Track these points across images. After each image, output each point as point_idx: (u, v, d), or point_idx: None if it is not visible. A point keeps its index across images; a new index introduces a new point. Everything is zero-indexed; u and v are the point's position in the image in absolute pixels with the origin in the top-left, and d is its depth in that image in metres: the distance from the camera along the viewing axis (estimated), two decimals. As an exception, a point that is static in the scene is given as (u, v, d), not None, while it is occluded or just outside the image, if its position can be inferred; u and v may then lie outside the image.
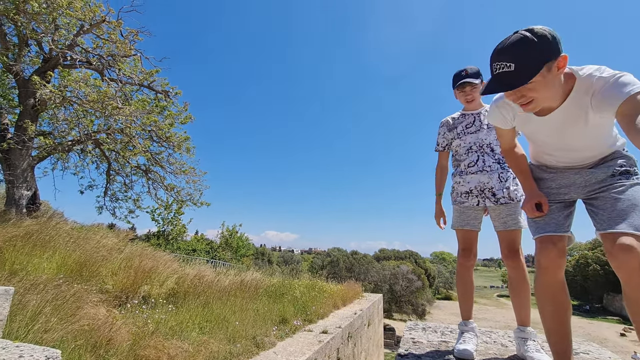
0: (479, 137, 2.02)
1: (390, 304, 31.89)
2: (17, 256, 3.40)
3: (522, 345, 1.74)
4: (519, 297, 1.83)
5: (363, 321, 7.49)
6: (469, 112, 2.10)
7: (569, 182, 1.53)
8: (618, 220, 1.28)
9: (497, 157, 1.96)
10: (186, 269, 5.64)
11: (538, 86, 1.18)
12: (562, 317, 1.43)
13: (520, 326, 1.80)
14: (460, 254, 2.00)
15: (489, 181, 1.93)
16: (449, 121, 2.18)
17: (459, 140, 2.09)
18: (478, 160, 1.99)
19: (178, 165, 7.95)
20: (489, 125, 2.00)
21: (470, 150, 2.03)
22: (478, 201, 1.95)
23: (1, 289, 2.01)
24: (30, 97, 5.65)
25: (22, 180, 5.37)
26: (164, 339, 2.91)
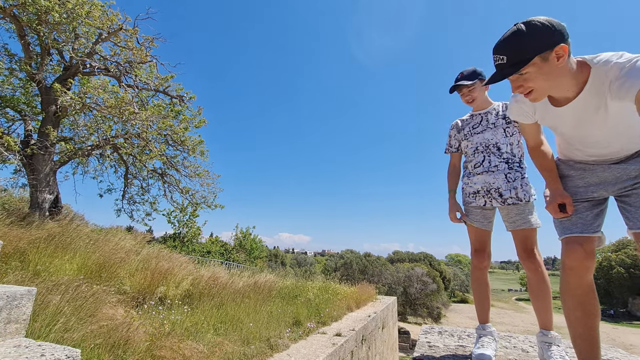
0: (485, 137, 2.00)
1: (404, 307, 31.50)
2: (40, 258, 3.52)
3: (545, 351, 1.67)
4: (540, 299, 1.77)
5: (377, 324, 7.41)
6: (476, 113, 2.10)
7: (598, 179, 1.44)
8: None
9: (505, 157, 1.92)
10: (201, 271, 5.71)
11: (533, 76, 1.19)
12: (590, 322, 1.34)
13: (543, 330, 1.73)
14: (473, 255, 1.99)
15: (494, 181, 1.91)
16: (458, 123, 2.19)
17: (466, 141, 2.09)
18: (484, 161, 1.97)
19: (192, 169, 8.09)
20: (495, 124, 1.98)
21: (477, 150, 2.02)
22: (485, 202, 1.95)
23: (24, 289, 2.08)
24: (52, 104, 5.86)
25: (45, 184, 5.57)
26: (180, 340, 2.95)
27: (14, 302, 2.00)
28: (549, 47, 1.14)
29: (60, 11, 5.12)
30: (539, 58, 1.16)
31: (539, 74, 1.19)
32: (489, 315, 1.91)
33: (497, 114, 2.01)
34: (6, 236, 3.65)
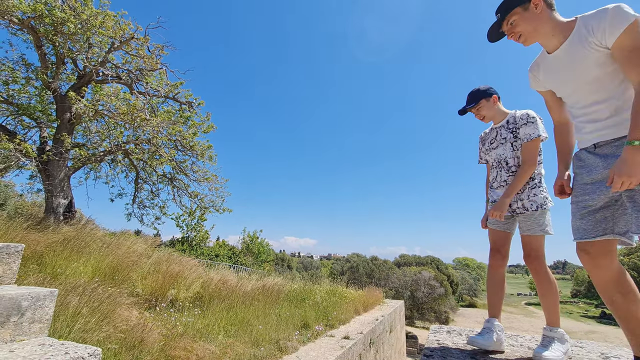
0: (498, 153, 2.15)
1: (412, 311, 31.23)
2: (57, 260, 3.63)
3: (546, 344, 1.74)
4: (544, 298, 1.87)
5: (385, 327, 7.40)
6: (495, 127, 2.23)
7: (600, 176, 1.43)
8: None
9: (513, 170, 2.06)
10: (210, 274, 5.80)
11: (518, 22, 1.53)
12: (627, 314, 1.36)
13: (549, 326, 1.80)
14: (490, 255, 2.10)
15: None
16: (482, 136, 2.36)
17: (487, 156, 2.27)
18: (497, 176, 2.14)
19: (201, 173, 8.21)
20: (505, 139, 2.10)
21: (493, 166, 2.20)
22: None
23: (47, 290, 2.17)
24: (67, 112, 6.04)
25: (59, 189, 5.72)
26: (192, 340, 3.02)
27: (38, 302, 2.09)
28: (527, 0, 1.49)
29: (75, 22, 5.30)
30: (521, 8, 1.51)
31: (522, 20, 1.52)
32: (499, 310, 1.99)
33: (508, 127, 2.12)
34: (24, 240, 3.78)
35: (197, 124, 7.97)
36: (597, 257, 1.42)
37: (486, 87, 2.18)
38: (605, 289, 1.41)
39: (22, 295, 2.01)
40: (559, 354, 1.67)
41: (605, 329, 37.20)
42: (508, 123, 2.12)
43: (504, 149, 2.10)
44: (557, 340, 1.73)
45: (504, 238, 2.07)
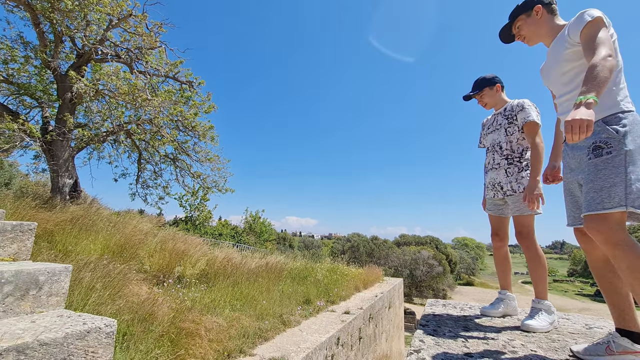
0: (493, 138, 2.31)
1: (410, 289, 32.04)
2: (67, 238, 3.75)
3: (532, 314, 1.91)
4: (534, 272, 2.03)
5: (384, 303, 7.67)
6: (495, 113, 2.38)
7: (573, 163, 1.55)
8: None
9: (505, 154, 2.22)
10: (215, 252, 5.96)
11: (523, 26, 1.82)
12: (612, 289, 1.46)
13: (537, 298, 1.96)
14: (492, 238, 2.34)
15: (497, 177, 2.24)
16: (484, 122, 2.52)
17: (484, 140, 2.44)
18: (491, 159, 2.31)
19: (203, 154, 8.25)
20: (500, 125, 2.27)
21: (488, 150, 2.35)
22: (493, 194, 2.27)
23: (62, 266, 2.28)
24: (68, 91, 6.01)
25: (64, 169, 5.79)
26: (200, 314, 3.18)
27: (54, 277, 2.20)
28: (529, 8, 1.79)
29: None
30: (525, 15, 1.81)
31: (525, 24, 1.81)
32: (508, 284, 2.24)
33: (504, 114, 2.27)
34: (34, 218, 3.89)
35: (198, 104, 7.92)
36: (590, 238, 1.50)
37: (492, 76, 2.33)
38: (596, 266, 1.51)
39: (39, 270, 2.11)
40: (545, 323, 1.81)
41: (599, 306, 38.18)
42: (505, 110, 2.28)
43: (498, 134, 2.26)
44: (544, 311, 1.87)
45: (501, 222, 2.28)
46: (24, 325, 1.82)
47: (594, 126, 1.42)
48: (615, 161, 1.31)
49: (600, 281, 1.48)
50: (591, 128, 1.20)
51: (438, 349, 1.47)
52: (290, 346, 3.51)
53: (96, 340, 1.89)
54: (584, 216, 1.36)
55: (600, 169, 1.34)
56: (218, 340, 3.02)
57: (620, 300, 1.41)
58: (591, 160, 1.38)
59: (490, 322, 1.98)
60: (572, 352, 1.45)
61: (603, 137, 1.37)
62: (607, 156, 1.33)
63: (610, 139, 1.35)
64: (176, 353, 2.57)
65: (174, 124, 7.49)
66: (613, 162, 1.31)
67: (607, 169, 1.32)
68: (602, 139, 1.37)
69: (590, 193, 1.34)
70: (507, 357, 1.38)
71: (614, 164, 1.31)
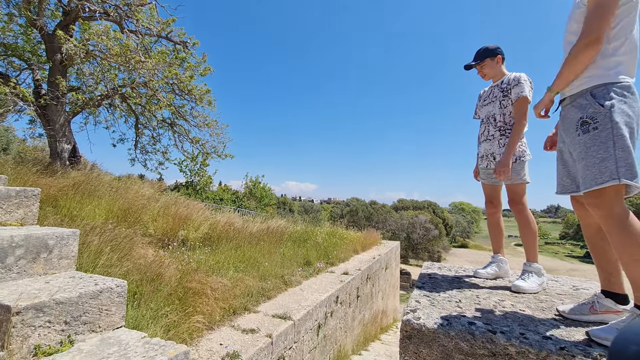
0: (488, 110, 2.35)
1: (407, 251, 33.17)
2: (70, 204, 3.81)
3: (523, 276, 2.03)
4: (525, 237, 2.13)
5: (381, 265, 7.98)
6: (493, 85, 2.41)
7: (564, 134, 1.55)
8: None
9: (499, 126, 2.27)
10: (217, 217, 6.08)
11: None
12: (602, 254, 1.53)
13: (528, 261, 2.07)
14: (485, 205, 2.45)
15: (490, 147, 2.30)
16: (481, 93, 2.54)
17: (480, 112, 2.48)
18: (485, 131, 2.36)
19: (201, 119, 8.11)
20: (496, 97, 2.30)
21: (482, 121, 2.40)
22: (487, 164, 2.34)
23: (69, 230, 2.35)
24: (57, 52, 5.76)
25: (61, 134, 5.72)
26: (206, 275, 3.32)
27: (63, 241, 2.27)
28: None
29: (52, -52, 4.79)
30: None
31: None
32: (500, 248, 2.37)
33: (500, 87, 2.30)
34: (37, 184, 3.92)
35: (193, 66, 7.64)
36: (584, 206, 1.54)
37: (494, 47, 2.35)
38: (589, 232, 1.56)
39: (48, 234, 2.18)
40: (534, 285, 1.93)
41: (587, 267, 39.83)
42: (502, 83, 2.31)
43: (493, 106, 2.31)
44: (534, 273, 1.99)
45: (494, 190, 2.37)
46: (38, 285, 1.91)
47: (581, 99, 1.43)
48: (602, 136, 1.30)
49: (591, 245, 1.54)
50: None
51: (433, 309, 1.56)
52: (292, 304, 3.71)
53: (109, 299, 2.00)
54: (585, 194, 1.38)
55: (589, 146, 1.34)
56: (224, 299, 3.18)
57: (608, 265, 1.47)
58: (580, 137, 1.38)
59: (483, 283, 2.08)
60: (558, 312, 1.54)
61: (590, 112, 1.37)
62: (594, 132, 1.33)
63: (597, 114, 1.34)
64: (185, 310, 2.73)
65: (170, 87, 7.28)
66: (600, 137, 1.31)
67: (596, 145, 1.32)
68: (588, 114, 1.37)
69: (584, 171, 1.35)
70: (497, 317, 1.48)
71: (602, 139, 1.30)
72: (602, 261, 1.49)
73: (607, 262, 1.48)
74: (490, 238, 2.43)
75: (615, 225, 1.27)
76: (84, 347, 1.76)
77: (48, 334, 1.69)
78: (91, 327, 1.88)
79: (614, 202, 1.28)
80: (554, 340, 1.23)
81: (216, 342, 2.65)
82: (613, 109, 1.31)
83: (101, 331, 1.93)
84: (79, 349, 1.74)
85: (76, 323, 1.81)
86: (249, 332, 2.88)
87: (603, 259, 1.49)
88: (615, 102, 1.31)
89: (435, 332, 1.34)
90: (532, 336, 1.26)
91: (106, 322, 1.97)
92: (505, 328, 1.33)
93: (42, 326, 1.67)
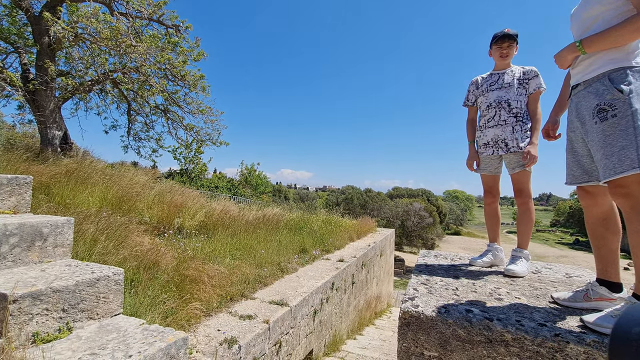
0: (499, 95, 2.28)
1: (401, 238, 33.57)
2: (63, 191, 3.76)
3: (512, 260, 2.11)
4: (520, 225, 2.18)
5: (376, 252, 8.07)
6: (495, 72, 2.36)
7: (577, 122, 1.50)
8: None
9: (515, 112, 2.22)
10: (212, 204, 6.06)
11: None
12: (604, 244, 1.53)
13: (519, 247, 2.14)
14: (484, 195, 2.43)
15: (502, 133, 2.24)
16: (478, 80, 2.46)
17: (482, 97, 2.38)
18: (495, 115, 2.28)
19: (195, 105, 7.97)
20: (510, 84, 2.25)
21: (490, 106, 2.31)
22: (493, 151, 2.29)
23: (64, 219, 2.32)
24: (44, 35, 5.57)
25: (52, 120, 5.59)
26: (202, 262, 3.33)
27: (57, 229, 2.25)
28: None
29: None
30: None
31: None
32: (496, 237, 2.39)
33: (513, 75, 2.27)
34: (28, 171, 3.84)
35: (186, 50, 7.45)
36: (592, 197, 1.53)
37: None
38: (592, 222, 1.55)
39: (42, 223, 2.15)
40: (524, 269, 2.03)
41: (576, 253, 40.78)
42: (513, 72, 2.28)
43: (507, 92, 2.26)
44: (524, 259, 2.08)
45: (494, 180, 2.37)
46: (34, 274, 1.90)
47: (598, 84, 1.36)
48: (622, 124, 1.25)
49: (594, 235, 1.54)
50: None
51: (431, 297, 1.58)
52: (288, 290, 3.75)
53: (106, 287, 1.99)
54: (606, 183, 1.34)
55: (607, 134, 1.29)
56: (221, 286, 3.20)
57: (608, 254, 1.49)
58: (597, 124, 1.33)
59: (479, 271, 2.11)
60: (553, 299, 1.57)
61: (608, 98, 1.30)
62: (612, 120, 1.28)
63: (615, 101, 1.28)
64: (182, 297, 2.74)
65: (162, 72, 7.11)
66: (620, 125, 1.26)
67: (615, 134, 1.27)
68: (606, 100, 1.30)
69: (602, 160, 1.31)
70: (493, 304, 1.50)
71: (621, 127, 1.25)
72: (604, 250, 1.50)
73: (608, 251, 1.49)
74: (487, 227, 2.44)
75: (637, 212, 1.23)
76: (82, 334, 1.77)
77: (46, 321, 1.69)
78: (89, 315, 1.88)
79: (635, 190, 1.24)
80: (548, 327, 1.26)
81: (214, 328, 2.68)
82: (631, 94, 1.25)
83: (99, 318, 1.93)
84: (78, 335, 1.74)
85: (74, 311, 1.81)
86: (246, 318, 2.91)
87: (605, 249, 1.50)
88: (633, 88, 1.26)
89: (433, 319, 1.36)
90: (527, 323, 1.29)
91: (104, 309, 1.97)
92: (502, 315, 1.36)
93: (40, 314, 1.66)
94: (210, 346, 2.39)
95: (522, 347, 1.21)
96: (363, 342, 5.58)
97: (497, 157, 2.30)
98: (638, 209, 1.24)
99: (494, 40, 2.30)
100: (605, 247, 1.50)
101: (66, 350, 1.60)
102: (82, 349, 1.61)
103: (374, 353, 4.94)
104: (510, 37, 2.25)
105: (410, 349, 1.38)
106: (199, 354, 2.30)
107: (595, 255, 1.54)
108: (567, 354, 1.16)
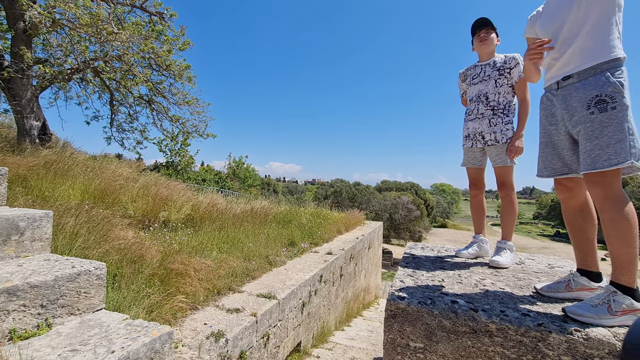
0: (479, 88, 2.31)
1: (389, 231, 33.96)
2: (42, 184, 3.62)
3: (496, 251, 2.15)
4: (504, 218, 2.23)
5: (364, 245, 8.14)
6: (479, 64, 2.37)
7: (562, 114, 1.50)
8: None
9: (492, 105, 2.24)
10: (199, 197, 5.96)
11: None
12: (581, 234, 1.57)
13: (503, 239, 2.18)
14: (469, 188, 2.47)
15: (479, 126, 2.27)
16: (464, 72, 2.51)
17: (468, 90, 2.43)
18: (474, 109, 2.32)
19: (181, 96, 7.79)
20: (489, 76, 2.26)
21: (472, 100, 2.35)
22: (472, 144, 2.33)
23: (42, 212, 2.23)
24: (19, 20, 5.31)
25: (29, 110, 5.36)
26: (189, 256, 3.27)
27: (35, 223, 2.16)
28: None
29: None
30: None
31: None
32: (482, 229, 2.42)
33: (494, 66, 2.27)
34: (3, 163, 3.68)
35: (171, 39, 7.24)
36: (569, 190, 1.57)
37: None
38: (570, 213, 1.59)
39: (18, 216, 2.06)
40: (509, 260, 2.08)
41: (557, 245, 42.17)
42: (495, 63, 2.27)
43: (486, 85, 2.27)
44: (508, 250, 2.13)
45: (479, 173, 2.40)
46: (11, 269, 1.82)
47: (597, 75, 1.34)
48: (620, 117, 1.28)
49: (571, 226, 1.59)
50: None
51: (417, 289, 1.59)
52: (276, 283, 3.74)
53: (87, 282, 1.93)
54: (587, 173, 1.36)
55: (605, 125, 1.30)
56: (207, 280, 3.16)
57: (586, 244, 1.53)
58: (594, 115, 1.33)
59: (465, 263, 2.15)
60: (536, 289, 1.61)
61: (609, 90, 1.31)
62: (612, 111, 1.29)
63: (615, 93, 1.30)
64: (167, 291, 2.69)
65: (146, 61, 6.90)
66: (618, 117, 1.28)
67: (613, 125, 1.29)
68: (608, 92, 1.31)
69: (595, 150, 1.32)
70: (479, 295, 1.52)
71: (619, 120, 1.28)
72: (581, 241, 1.55)
73: (586, 241, 1.53)
74: (473, 219, 2.48)
75: (613, 203, 1.29)
76: (62, 330, 1.71)
77: (24, 317, 1.63)
78: (70, 310, 1.83)
79: (615, 182, 1.30)
80: (532, 317, 1.28)
81: (200, 322, 2.65)
82: (625, 88, 1.30)
83: (80, 314, 1.88)
84: (58, 332, 1.69)
85: (53, 306, 1.75)
86: (233, 312, 2.89)
87: (583, 239, 1.54)
88: (624, 82, 1.30)
89: (419, 311, 1.37)
90: (511, 313, 1.31)
91: (85, 304, 1.91)
92: (487, 306, 1.38)
93: (17, 310, 1.60)
94: (197, 340, 2.37)
95: (505, 337, 1.24)
96: (351, 333, 5.65)
97: (479, 150, 2.33)
98: (612, 198, 1.29)
99: (472, 33, 2.35)
100: (583, 237, 1.54)
101: (45, 347, 1.54)
102: (62, 345, 1.57)
103: (361, 344, 5.00)
104: (485, 23, 2.28)
105: (396, 340, 1.39)
106: (185, 347, 2.27)
107: (574, 246, 1.58)
108: (549, 343, 1.19)
